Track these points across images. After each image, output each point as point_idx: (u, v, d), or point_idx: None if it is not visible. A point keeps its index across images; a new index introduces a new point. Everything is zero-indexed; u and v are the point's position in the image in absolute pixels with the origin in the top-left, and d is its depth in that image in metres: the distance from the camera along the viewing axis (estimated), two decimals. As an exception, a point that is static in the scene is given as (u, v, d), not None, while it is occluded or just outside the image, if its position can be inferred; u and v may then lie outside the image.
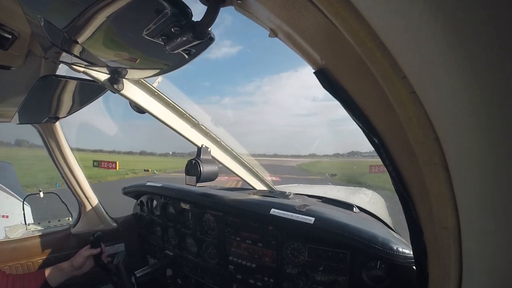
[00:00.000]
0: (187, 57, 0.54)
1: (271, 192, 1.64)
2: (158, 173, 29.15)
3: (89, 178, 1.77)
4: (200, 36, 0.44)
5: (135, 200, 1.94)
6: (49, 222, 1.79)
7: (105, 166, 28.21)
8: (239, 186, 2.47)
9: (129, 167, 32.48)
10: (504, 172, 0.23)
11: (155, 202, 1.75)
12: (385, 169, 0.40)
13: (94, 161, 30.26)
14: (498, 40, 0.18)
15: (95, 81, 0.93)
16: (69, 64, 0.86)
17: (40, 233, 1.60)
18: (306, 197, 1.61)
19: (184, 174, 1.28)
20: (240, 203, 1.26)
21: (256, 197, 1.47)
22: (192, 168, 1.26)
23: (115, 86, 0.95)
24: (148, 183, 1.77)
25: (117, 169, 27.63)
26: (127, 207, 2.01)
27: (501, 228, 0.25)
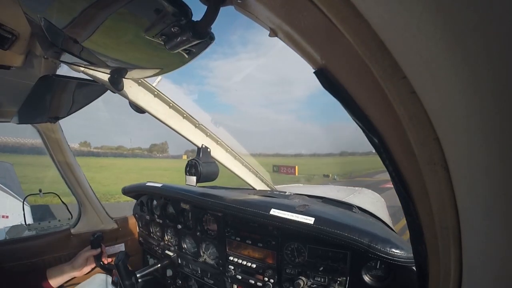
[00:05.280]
0: (187, 56, 0.54)
1: (271, 192, 1.64)
2: (338, 179, 23.24)
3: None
4: (200, 36, 0.44)
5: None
6: (49, 222, 1.79)
7: (284, 171, 26.16)
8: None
9: (309, 172, 28.17)
10: (504, 172, 0.23)
11: (155, 202, 1.75)
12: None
13: (274, 166, 28.28)
14: (497, 40, 0.18)
15: (95, 81, 0.93)
16: (69, 64, 0.86)
17: (40, 233, 1.60)
18: (306, 197, 1.61)
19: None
20: (240, 203, 1.26)
21: (256, 197, 1.47)
22: (192, 168, 1.26)
23: (115, 86, 0.95)
24: (148, 183, 1.77)
25: (296, 174, 24.98)
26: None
27: (501, 228, 0.25)
